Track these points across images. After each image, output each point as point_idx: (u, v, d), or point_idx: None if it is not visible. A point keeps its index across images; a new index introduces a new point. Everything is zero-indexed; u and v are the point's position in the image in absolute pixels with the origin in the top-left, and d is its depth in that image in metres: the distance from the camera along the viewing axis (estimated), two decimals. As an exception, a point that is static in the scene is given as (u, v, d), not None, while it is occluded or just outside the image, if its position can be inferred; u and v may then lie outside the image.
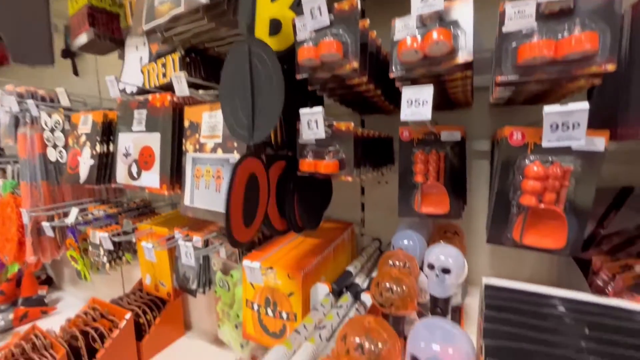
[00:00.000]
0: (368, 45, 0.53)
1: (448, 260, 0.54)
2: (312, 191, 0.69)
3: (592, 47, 0.35)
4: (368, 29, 0.53)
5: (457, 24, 0.43)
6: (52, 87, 1.27)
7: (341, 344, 0.34)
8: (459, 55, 0.44)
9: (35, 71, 1.57)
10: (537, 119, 0.44)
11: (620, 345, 0.30)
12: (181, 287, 0.98)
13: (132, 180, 0.90)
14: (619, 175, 0.61)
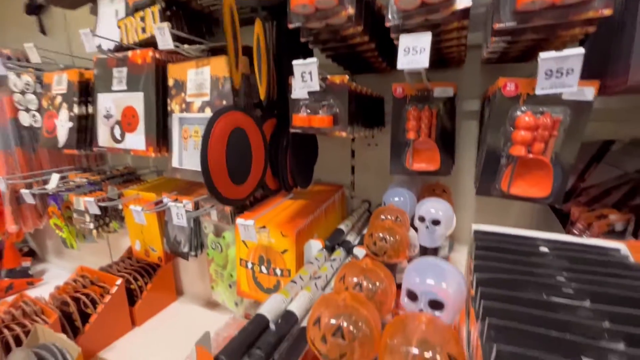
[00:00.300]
0: None
1: (438, 213, 0.56)
2: (302, 149, 0.68)
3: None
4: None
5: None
6: (17, 47, 1.17)
7: (340, 284, 0.36)
8: (457, 1, 0.43)
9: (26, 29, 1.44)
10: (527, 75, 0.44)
11: (597, 274, 0.32)
12: (172, 251, 0.98)
13: (115, 143, 0.87)
14: (602, 132, 0.63)
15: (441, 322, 0.26)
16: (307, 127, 0.55)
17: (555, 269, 0.34)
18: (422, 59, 0.42)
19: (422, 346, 0.24)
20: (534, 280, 0.31)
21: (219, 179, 0.52)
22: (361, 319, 0.29)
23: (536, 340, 0.24)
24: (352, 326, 0.28)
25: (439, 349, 0.24)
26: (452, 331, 0.26)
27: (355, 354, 0.28)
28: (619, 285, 0.30)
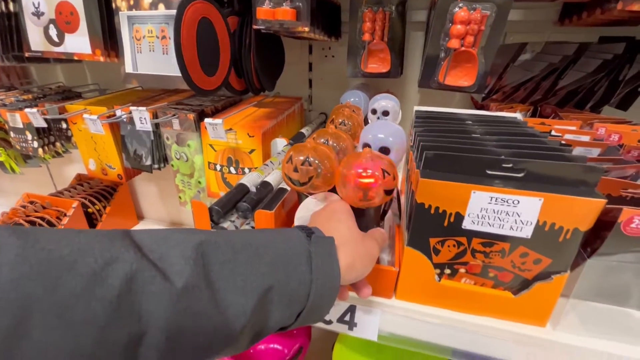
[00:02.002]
0: None
1: (388, 105, 0.65)
2: (267, 51, 0.71)
3: None
4: None
5: None
6: None
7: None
8: None
9: None
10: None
11: (501, 126, 0.45)
12: (134, 166, 0.98)
13: (53, 47, 0.79)
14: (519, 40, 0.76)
15: (382, 155, 0.36)
16: (272, 20, 0.57)
17: (471, 125, 0.46)
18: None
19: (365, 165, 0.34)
20: (454, 128, 0.42)
21: (193, 69, 0.54)
22: (323, 155, 0.38)
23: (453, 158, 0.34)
24: (317, 159, 0.37)
25: (378, 167, 0.33)
26: (390, 160, 0.36)
27: (320, 179, 0.37)
28: (512, 132, 0.42)
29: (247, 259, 0.26)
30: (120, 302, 0.19)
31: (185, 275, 0.22)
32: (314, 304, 0.28)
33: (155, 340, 0.21)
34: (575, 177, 0.31)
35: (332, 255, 0.29)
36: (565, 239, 0.32)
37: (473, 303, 0.38)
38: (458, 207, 0.33)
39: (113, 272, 0.20)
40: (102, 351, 0.19)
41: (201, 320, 0.22)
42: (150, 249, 0.22)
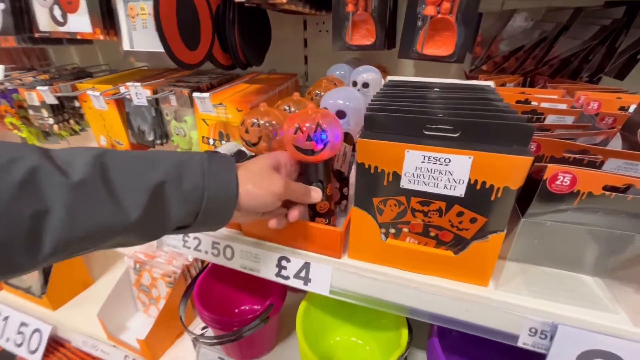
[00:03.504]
0: None
1: (368, 77, 0.65)
2: (251, 24, 0.72)
3: None
4: None
5: None
6: None
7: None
8: None
9: None
10: None
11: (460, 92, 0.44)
12: (138, 142, 1.04)
13: (58, 26, 0.84)
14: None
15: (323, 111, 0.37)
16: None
17: (433, 92, 0.46)
18: None
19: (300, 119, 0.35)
20: (410, 94, 0.42)
21: (174, 43, 0.57)
22: (273, 117, 0.40)
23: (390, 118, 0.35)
24: (266, 121, 0.39)
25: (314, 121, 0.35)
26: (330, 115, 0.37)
27: (268, 139, 0.39)
28: (466, 97, 0.42)
29: (144, 163, 0.31)
30: (23, 185, 0.24)
31: (82, 172, 0.27)
32: (209, 207, 0.33)
33: (58, 217, 0.26)
34: (506, 137, 0.31)
35: (230, 171, 0.35)
36: (497, 197, 0.32)
37: (417, 262, 0.40)
38: (395, 166, 0.34)
39: (18, 164, 0.25)
40: (8, 220, 0.24)
41: (97, 208, 0.28)
42: (57, 155, 0.28)
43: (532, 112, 0.49)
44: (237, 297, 0.79)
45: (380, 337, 0.61)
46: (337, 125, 0.37)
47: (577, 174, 0.29)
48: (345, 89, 0.46)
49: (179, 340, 0.86)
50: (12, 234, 0.24)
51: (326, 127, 0.35)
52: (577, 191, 0.30)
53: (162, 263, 0.85)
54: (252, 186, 0.36)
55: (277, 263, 0.45)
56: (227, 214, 0.35)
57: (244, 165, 0.38)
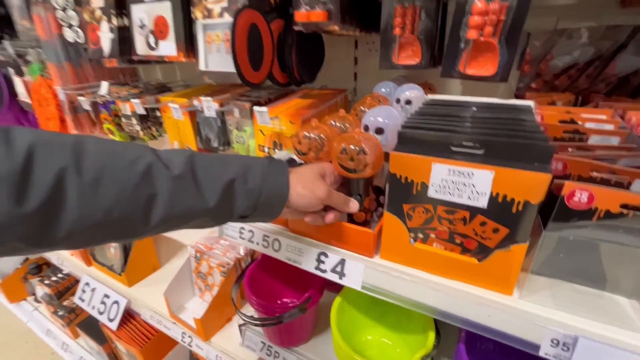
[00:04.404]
0: None
1: (410, 94, 0.70)
2: (307, 47, 0.81)
3: None
4: None
5: None
6: None
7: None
8: None
9: None
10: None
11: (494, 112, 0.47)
12: (205, 147, 1.20)
13: (151, 51, 1.02)
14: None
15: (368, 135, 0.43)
16: (307, 22, 0.67)
17: (469, 111, 0.49)
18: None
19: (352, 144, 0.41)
20: (445, 113, 0.47)
21: (243, 64, 0.68)
22: (323, 132, 0.46)
23: (421, 135, 0.40)
24: (317, 135, 0.46)
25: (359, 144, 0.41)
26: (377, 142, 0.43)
27: (317, 150, 0.46)
28: (497, 117, 0.45)
29: (220, 164, 0.41)
30: (143, 175, 0.35)
31: (179, 169, 0.37)
32: (265, 202, 0.42)
33: (162, 200, 0.35)
34: (528, 155, 0.34)
35: (284, 175, 0.43)
36: (518, 210, 0.35)
37: (443, 266, 0.43)
38: (423, 177, 0.39)
39: (141, 160, 0.35)
40: (133, 199, 0.34)
41: (187, 195, 0.37)
42: (162, 155, 0.38)
43: (574, 132, 0.50)
44: (280, 289, 0.87)
45: (410, 340, 0.63)
46: (378, 149, 0.42)
47: (594, 192, 0.31)
48: (385, 107, 0.51)
49: (228, 325, 0.96)
50: (135, 209, 0.34)
51: (368, 151, 0.41)
52: (595, 208, 0.32)
53: (219, 254, 0.97)
54: (301, 188, 0.43)
55: (317, 257, 0.52)
56: (278, 209, 0.43)
57: (296, 170, 0.45)
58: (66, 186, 0.31)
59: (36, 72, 1.46)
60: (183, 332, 0.96)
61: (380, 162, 0.44)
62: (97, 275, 1.18)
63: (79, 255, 1.23)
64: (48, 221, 0.31)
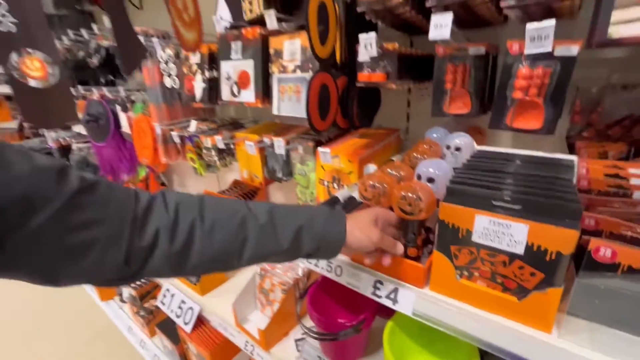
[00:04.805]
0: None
1: (460, 142, 0.78)
2: (366, 99, 0.94)
3: (562, -22, 0.52)
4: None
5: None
6: (153, 23, 1.60)
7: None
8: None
9: (143, 13, 1.90)
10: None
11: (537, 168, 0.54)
12: (270, 177, 1.37)
13: (233, 98, 1.23)
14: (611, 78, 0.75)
15: (423, 185, 0.53)
16: (368, 81, 0.80)
17: (513, 165, 0.57)
18: (445, 32, 0.63)
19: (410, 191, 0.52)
20: (490, 167, 0.55)
21: (314, 115, 0.82)
22: (385, 180, 0.57)
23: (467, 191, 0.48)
24: (379, 183, 0.56)
25: (415, 192, 0.51)
26: (426, 189, 0.52)
27: (379, 197, 0.56)
28: (536, 174, 0.51)
29: (293, 214, 0.52)
30: (240, 224, 0.47)
31: (263, 219, 0.49)
32: (326, 245, 0.52)
33: (251, 243, 0.48)
34: (559, 212, 0.41)
35: (341, 223, 0.53)
36: (551, 258, 0.42)
37: (486, 302, 0.49)
38: (467, 225, 0.47)
39: (239, 214, 0.48)
40: (232, 242, 0.46)
41: (268, 240, 0.49)
42: (252, 206, 0.51)
43: (618, 187, 0.54)
44: (337, 309, 0.96)
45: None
46: (431, 196, 0.52)
47: (617, 249, 0.37)
48: (436, 160, 0.61)
49: (285, 339, 1.07)
50: (234, 248, 0.47)
51: (423, 198, 0.51)
52: (618, 263, 0.37)
53: (280, 273, 1.10)
54: (358, 233, 0.53)
55: (373, 284, 0.61)
56: (337, 250, 0.55)
57: (353, 216, 0.56)
58: (195, 232, 0.45)
59: (139, 110, 1.80)
60: (246, 340, 1.09)
61: (433, 207, 0.53)
62: (175, 283, 1.38)
63: (162, 264, 1.45)
64: (185, 256, 0.45)
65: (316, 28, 0.77)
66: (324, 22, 0.79)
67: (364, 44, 0.76)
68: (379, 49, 0.77)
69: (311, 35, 0.76)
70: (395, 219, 0.58)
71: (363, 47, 0.77)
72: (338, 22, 0.84)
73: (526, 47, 0.59)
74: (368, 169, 0.98)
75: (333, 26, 0.82)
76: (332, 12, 0.81)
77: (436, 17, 0.64)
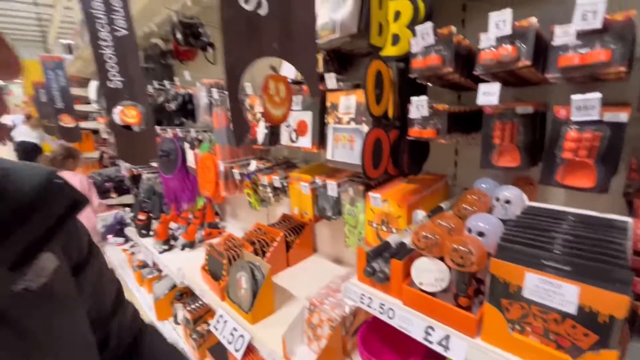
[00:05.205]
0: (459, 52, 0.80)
1: (510, 195, 0.81)
2: (416, 149, 1.02)
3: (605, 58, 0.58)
4: (460, 39, 0.80)
5: (524, 37, 0.68)
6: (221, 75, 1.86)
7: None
8: (521, 60, 0.69)
9: (216, 67, 2.21)
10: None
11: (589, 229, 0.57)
12: (320, 214, 1.46)
13: (292, 143, 1.38)
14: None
15: (474, 238, 0.58)
16: (418, 136, 0.89)
17: (564, 225, 0.60)
18: (493, 99, 0.71)
19: (462, 245, 0.57)
20: (541, 226, 0.59)
21: (368, 165, 0.92)
22: (437, 232, 0.63)
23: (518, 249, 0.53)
24: (432, 235, 0.62)
25: (466, 246, 0.56)
26: (482, 245, 0.57)
27: (433, 248, 0.62)
28: (586, 236, 0.54)
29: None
30: None
31: None
32: None
33: None
34: (610, 277, 0.44)
35: None
36: (604, 321, 0.44)
37: (540, 358, 0.51)
38: (518, 281, 0.51)
39: None
40: None
41: None
42: None
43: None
44: (386, 349, 0.98)
45: None
46: (482, 251, 0.57)
47: (670, 318, 0.39)
48: (486, 216, 0.65)
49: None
50: None
51: (474, 252, 0.56)
52: (672, 331, 0.39)
53: (328, 309, 1.15)
54: None
55: (425, 329, 0.65)
56: None
57: None
58: None
59: (205, 148, 2.04)
60: (293, 374, 1.13)
61: (484, 261, 0.58)
62: (228, 310, 1.48)
63: (217, 290, 1.57)
64: None
65: (373, 92, 0.89)
66: (380, 86, 0.91)
67: (416, 105, 0.86)
68: (430, 108, 0.86)
69: (368, 97, 0.88)
70: None
71: (415, 108, 0.86)
72: (391, 84, 0.95)
73: (572, 114, 0.64)
74: (416, 215, 1.03)
75: (387, 88, 0.93)
76: (386, 77, 0.93)
77: (484, 86, 0.72)
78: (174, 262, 2.09)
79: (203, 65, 2.37)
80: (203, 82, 1.95)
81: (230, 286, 1.53)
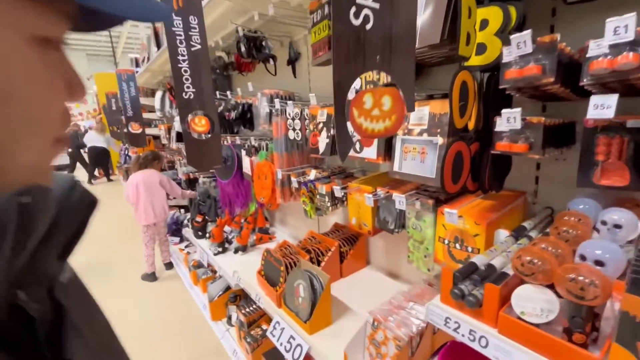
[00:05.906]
0: (561, 60, 0.74)
1: (620, 219, 0.72)
2: (499, 164, 0.95)
3: None
4: (562, 47, 0.74)
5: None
6: (280, 86, 1.92)
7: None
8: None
9: (276, 78, 2.29)
10: None
11: None
12: (381, 227, 1.43)
13: (355, 153, 1.37)
14: None
15: (595, 270, 0.52)
16: (507, 151, 0.83)
17: None
18: (608, 112, 0.64)
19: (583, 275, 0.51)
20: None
21: (447, 179, 0.87)
22: (543, 259, 0.57)
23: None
24: (538, 260, 0.57)
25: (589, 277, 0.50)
26: (607, 278, 0.51)
27: (538, 275, 0.57)
28: None
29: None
30: None
31: None
32: None
33: None
34: None
35: None
36: None
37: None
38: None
39: None
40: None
41: None
42: None
43: None
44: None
45: None
46: (608, 283, 0.51)
47: None
48: (605, 243, 0.58)
49: (395, 399, 1.05)
50: None
51: (600, 285, 0.50)
52: None
53: (393, 327, 1.10)
54: None
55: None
56: None
57: None
58: None
59: (263, 156, 2.10)
60: (353, 390, 1.10)
61: (609, 295, 0.51)
62: (285, 318, 1.49)
63: (274, 296, 1.59)
64: None
65: (458, 104, 0.85)
66: (464, 98, 0.87)
67: (507, 117, 0.80)
68: (522, 121, 0.80)
69: (453, 110, 0.84)
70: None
71: (505, 120, 0.81)
72: (475, 96, 0.90)
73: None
74: (499, 234, 0.96)
75: (471, 100, 0.89)
76: (471, 88, 0.88)
77: (598, 97, 0.65)
78: (228, 264, 2.17)
79: (261, 76, 2.47)
80: (264, 92, 2.03)
81: (287, 293, 1.55)
